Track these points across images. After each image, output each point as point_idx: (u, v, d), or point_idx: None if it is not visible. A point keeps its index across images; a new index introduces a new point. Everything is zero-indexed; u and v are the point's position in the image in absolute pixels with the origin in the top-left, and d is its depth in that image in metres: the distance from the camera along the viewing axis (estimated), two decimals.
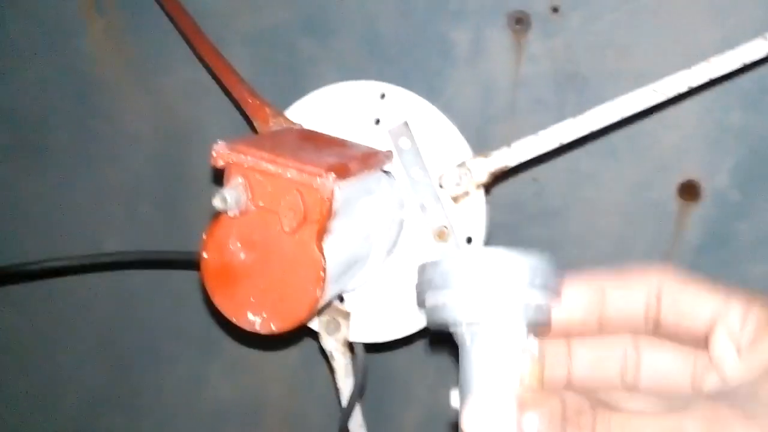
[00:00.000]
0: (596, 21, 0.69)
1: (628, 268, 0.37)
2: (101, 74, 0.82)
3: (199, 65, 0.76)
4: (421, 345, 0.81)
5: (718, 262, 0.71)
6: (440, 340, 0.38)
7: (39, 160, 0.85)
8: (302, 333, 0.53)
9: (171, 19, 0.66)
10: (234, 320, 0.40)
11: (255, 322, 0.40)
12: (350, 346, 0.53)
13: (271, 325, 0.39)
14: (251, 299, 0.39)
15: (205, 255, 0.40)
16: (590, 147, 0.72)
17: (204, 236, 0.40)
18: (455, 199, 0.51)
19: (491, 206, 0.57)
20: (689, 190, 0.71)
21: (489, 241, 0.61)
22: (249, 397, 0.86)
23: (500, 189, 0.75)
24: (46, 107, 0.84)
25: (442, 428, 0.81)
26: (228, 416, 0.87)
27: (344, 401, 0.55)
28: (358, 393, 0.54)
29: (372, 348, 0.55)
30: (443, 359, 0.80)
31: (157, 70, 0.80)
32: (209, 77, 0.77)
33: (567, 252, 0.75)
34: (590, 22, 0.69)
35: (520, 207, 0.76)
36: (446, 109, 0.58)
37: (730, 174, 0.69)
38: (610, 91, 0.71)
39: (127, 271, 0.85)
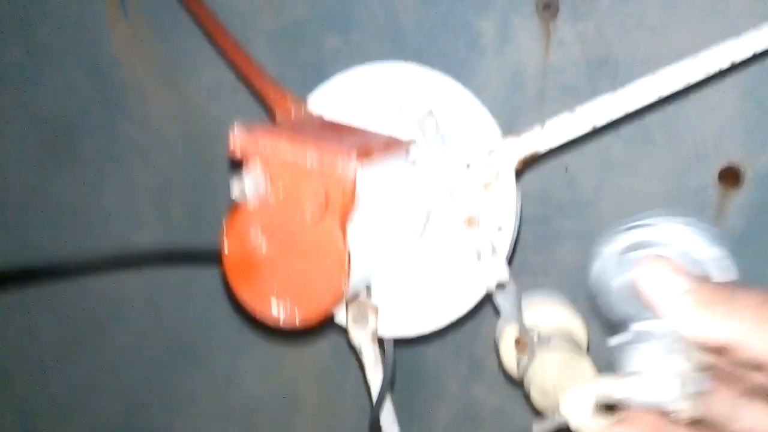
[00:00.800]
0: (627, 2, 0.66)
1: None
2: (128, 77, 0.81)
3: (225, 66, 0.74)
4: (452, 338, 0.79)
5: (761, 251, 0.67)
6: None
7: (69, 163, 0.85)
8: (331, 326, 0.51)
9: (192, 16, 0.65)
10: (258, 313, 0.38)
11: (279, 315, 0.37)
12: (379, 341, 0.51)
13: (296, 318, 0.37)
14: (275, 291, 0.37)
15: (225, 247, 0.38)
16: (624, 133, 0.69)
17: (223, 227, 0.38)
18: (485, 186, 0.48)
19: (521, 196, 0.55)
20: (730, 176, 0.67)
21: (519, 231, 0.58)
22: (281, 394, 0.84)
23: (530, 179, 0.73)
24: (75, 110, 0.83)
25: (473, 424, 0.78)
26: (260, 413, 0.85)
27: (374, 396, 0.53)
28: (388, 387, 0.52)
29: (401, 342, 0.52)
30: (475, 354, 0.77)
31: (183, 71, 0.79)
32: (234, 77, 0.75)
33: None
34: (621, 4, 0.66)
35: (550, 198, 0.73)
36: None
37: None
38: (643, 74, 0.68)
39: (158, 272, 0.84)
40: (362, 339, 0.50)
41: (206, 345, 0.85)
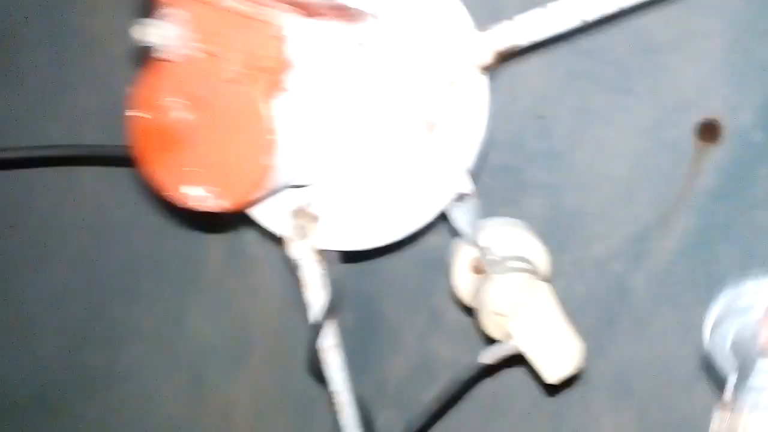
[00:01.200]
0: None
1: None
2: None
3: None
4: (411, 290, 0.75)
5: (733, 208, 0.64)
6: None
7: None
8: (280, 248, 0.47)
9: None
10: (171, 194, 0.34)
11: (195, 195, 0.33)
12: (323, 255, 0.46)
13: (214, 199, 0.33)
14: (191, 168, 0.32)
15: (135, 112, 0.33)
16: (604, 82, 0.66)
17: (133, 89, 0.33)
18: (450, 84, 0.43)
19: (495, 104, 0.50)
20: (709, 130, 0.63)
21: (488, 157, 0.54)
22: (230, 336, 0.80)
23: (501, 125, 0.69)
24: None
25: (428, 377, 0.74)
26: (208, 355, 0.81)
27: (313, 317, 0.48)
28: (331, 308, 0.47)
29: (350, 258, 0.48)
30: (433, 306, 0.73)
31: None
32: None
33: (568, 196, 0.68)
34: None
35: (521, 147, 0.69)
36: None
37: (755, 113, 0.62)
38: (627, 17, 0.64)
39: (103, 206, 0.79)
40: (302, 251, 0.45)
41: (153, 283, 0.81)
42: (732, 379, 0.37)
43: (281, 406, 0.80)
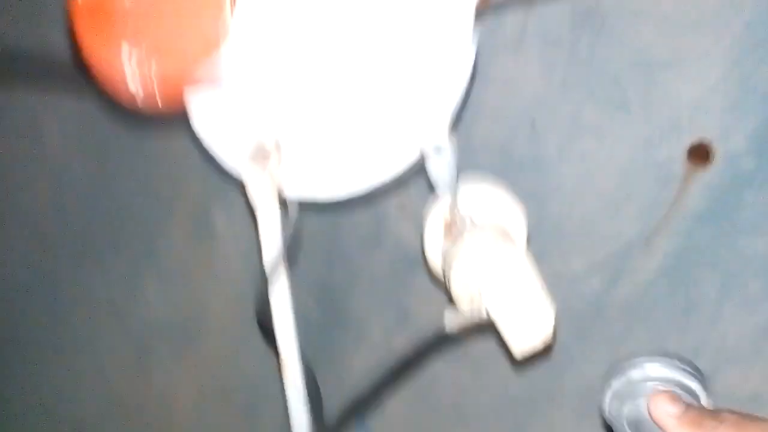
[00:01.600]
0: None
1: None
2: None
3: None
4: (383, 286, 0.73)
5: (717, 233, 0.63)
6: None
7: None
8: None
9: None
10: (102, 68, 0.29)
11: (130, 68, 0.28)
12: (283, 200, 0.43)
13: (152, 74, 0.28)
14: (128, 36, 0.28)
15: None
16: (599, 96, 0.64)
17: None
18: (437, 21, 0.38)
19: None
20: (700, 153, 0.62)
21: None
22: (185, 314, 0.76)
23: (492, 129, 0.67)
24: None
25: None
26: (160, 330, 0.77)
27: (265, 265, 0.45)
28: (286, 255, 0.44)
29: (311, 207, 0.44)
30: (404, 305, 0.71)
31: None
32: None
33: (552, 207, 0.67)
34: None
35: (510, 152, 0.68)
36: None
37: (747, 139, 0.61)
38: (629, 32, 0.63)
39: (66, 167, 0.76)
40: (261, 190, 0.40)
41: (109, 249, 0.77)
42: None
43: (226, 394, 0.77)
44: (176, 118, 0.37)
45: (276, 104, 0.39)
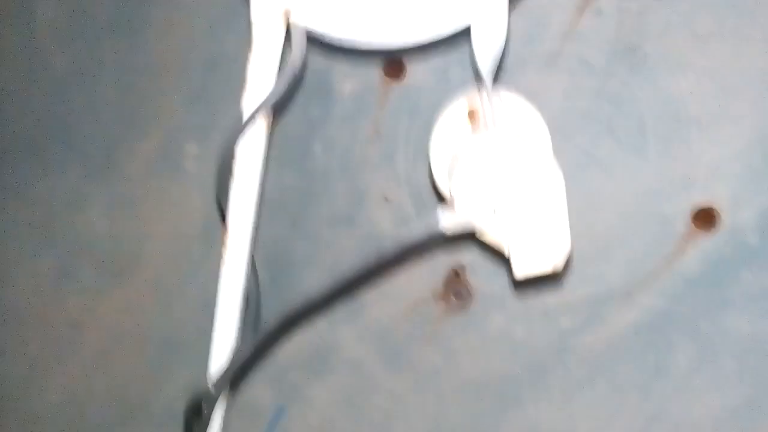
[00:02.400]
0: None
1: None
2: None
3: None
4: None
5: (703, 302, 0.60)
6: None
7: None
8: None
9: None
10: None
11: None
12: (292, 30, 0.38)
13: None
14: None
15: None
16: (620, 132, 0.61)
17: None
18: None
19: None
20: (706, 217, 0.60)
21: None
22: (123, 245, 0.68)
23: None
24: None
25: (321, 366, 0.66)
26: (90, 254, 0.69)
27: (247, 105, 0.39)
28: (281, 95, 0.39)
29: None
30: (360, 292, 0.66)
31: None
32: None
33: None
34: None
35: None
36: None
37: (757, 215, 0.58)
38: (666, 80, 0.61)
39: (53, 51, 0.68)
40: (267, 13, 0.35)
41: (61, 153, 0.69)
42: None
43: (140, 346, 0.69)
44: None
45: None
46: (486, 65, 0.40)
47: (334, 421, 0.67)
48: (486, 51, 0.39)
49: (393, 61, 0.63)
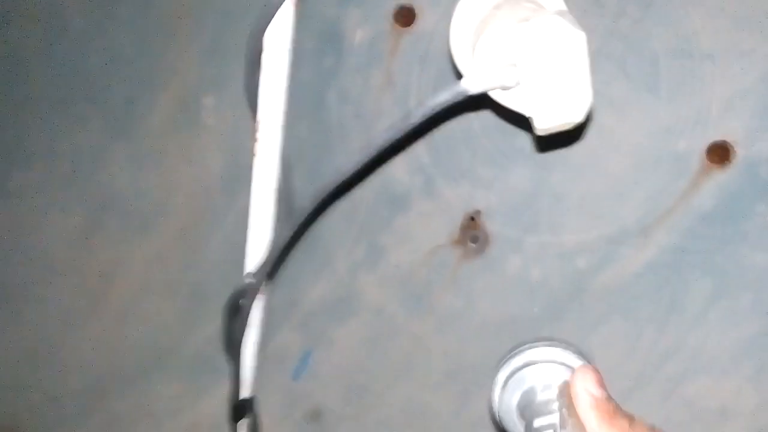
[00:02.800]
0: None
1: None
2: None
3: None
4: (360, 220, 0.68)
5: (718, 238, 0.60)
6: None
7: None
8: None
9: None
10: None
11: None
12: None
13: None
14: None
15: None
16: (632, 71, 0.61)
17: None
18: None
19: None
20: (720, 152, 0.59)
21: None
22: (148, 197, 0.70)
23: None
24: None
25: (344, 314, 0.67)
26: (116, 207, 0.71)
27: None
28: None
29: None
30: (377, 243, 0.67)
31: None
32: None
33: (556, 177, 0.63)
34: None
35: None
36: None
37: None
38: (678, 16, 0.60)
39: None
40: None
41: (84, 106, 0.70)
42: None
43: (169, 294, 0.71)
44: None
45: None
46: None
47: (359, 363, 0.69)
48: None
49: (403, 8, 0.63)
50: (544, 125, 0.41)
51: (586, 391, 0.38)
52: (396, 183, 0.66)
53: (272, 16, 0.42)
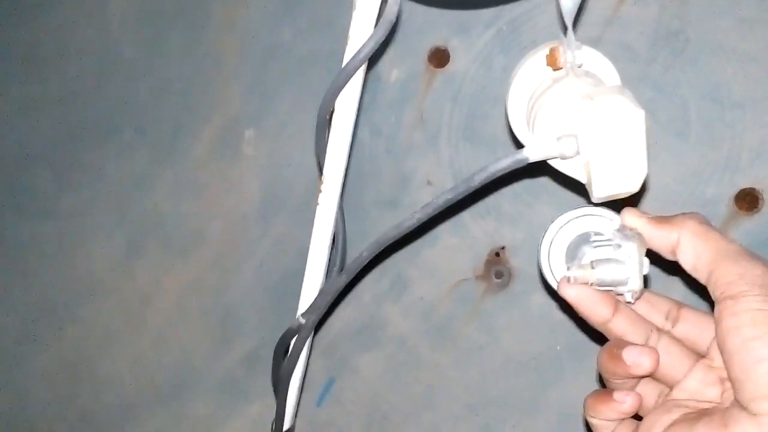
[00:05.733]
0: None
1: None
2: None
3: None
4: (387, 252, 0.68)
5: None
6: None
7: None
8: None
9: None
10: None
11: None
12: None
13: None
14: None
15: None
16: (662, 115, 0.60)
17: None
18: None
19: None
20: (748, 199, 0.57)
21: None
22: (188, 223, 0.71)
23: None
24: None
25: (369, 341, 0.66)
26: (157, 232, 0.72)
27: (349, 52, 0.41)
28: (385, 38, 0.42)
29: None
30: (404, 275, 0.66)
31: None
32: None
33: None
34: None
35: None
36: None
37: None
38: (709, 64, 0.59)
39: (122, 36, 0.71)
40: None
41: (132, 133, 0.72)
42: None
43: (203, 317, 0.71)
44: None
45: None
46: (568, 4, 0.42)
47: (381, 393, 0.68)
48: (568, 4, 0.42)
49: (438, 50, 0.63)
50: (601, 193, 0.42)
51: (637, 215, 0.42)
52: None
53: (345, 83, 0.45)
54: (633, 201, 0.60)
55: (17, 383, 0.77)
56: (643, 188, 0.43)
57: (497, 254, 0.64)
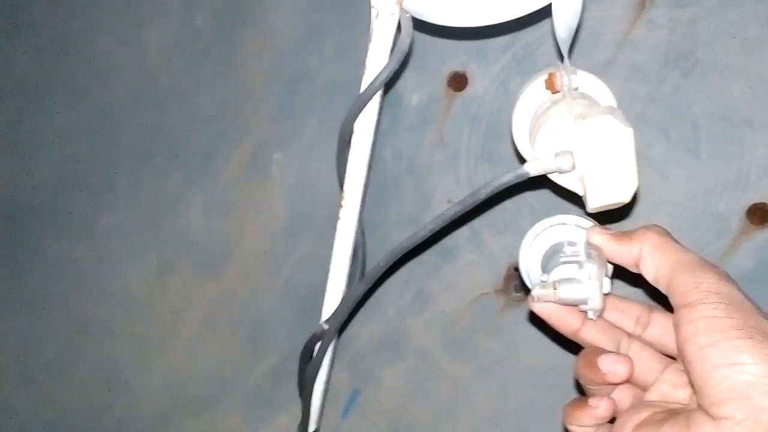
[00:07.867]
0: (732, 6, 0.57)
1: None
2: None
3: None
4: (409, 266, 0.68)
5: (758, 298, 0.56)
6: None
7: None
8: None
9: None
10: None
11: None
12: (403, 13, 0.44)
13: None
14: None
15: None
16: (673, 134, 0.60)
17: None
18: None
19: None
20: (759, 214, 0.57)
21: None
22: (217, 241, 0.72)
23: None
24: None
25: (392, 356, 0.67)
26: (188, 249, 0.73)
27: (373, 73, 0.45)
28: (390, 75, 0.45)
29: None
30: (426, 289, 0.66)
31: None
32: None
33: None
34: (725, 6, 0.57)
35: None
36: None
37: None
38: (718, 83, 0.60)
39: (158, 67, 0.73)
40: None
41: (165, 156, 0.74)
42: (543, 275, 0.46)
43: (232, 331, 0.72)
44: None
45: None
46: (563, 34, 0.45)
47: (404, 404, 0.68)
48: (564, 22, 0.45)
49: (457, 74, 0.65)
50: (595, 204, 0.45)
51: (599, 232, 0.44)
52: (448, 236, 0.66)
53: (363, 107, 0.48)
54: (626, 211, 0.61)
55: (57, 395, 0.79)
56: (635, 199, 0.45)
57: (516, 269, 0.65)
